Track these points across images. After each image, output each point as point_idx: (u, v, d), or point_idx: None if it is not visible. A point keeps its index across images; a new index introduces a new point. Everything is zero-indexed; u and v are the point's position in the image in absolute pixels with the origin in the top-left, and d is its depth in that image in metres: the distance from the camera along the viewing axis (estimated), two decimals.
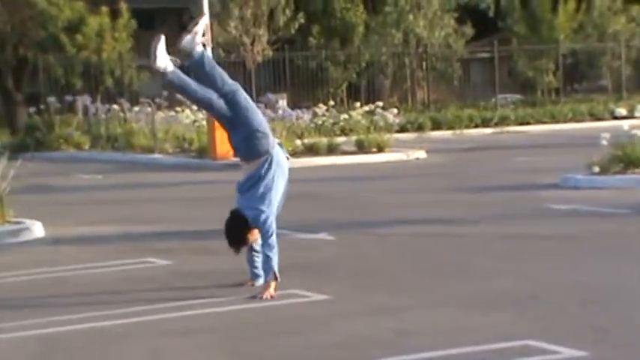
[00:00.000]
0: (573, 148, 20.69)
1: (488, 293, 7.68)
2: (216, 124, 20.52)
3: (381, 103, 24.83)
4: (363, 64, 34.65)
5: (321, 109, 24.85)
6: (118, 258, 9.74)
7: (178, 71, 7.83)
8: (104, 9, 31.65)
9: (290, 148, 20.86)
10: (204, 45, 7.90)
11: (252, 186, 7.80)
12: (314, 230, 11.04)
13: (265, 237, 7.79)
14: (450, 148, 23.97)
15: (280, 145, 8.02)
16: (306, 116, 23.75)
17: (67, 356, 6.38)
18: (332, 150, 21.46)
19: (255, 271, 8.09)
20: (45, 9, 31.81)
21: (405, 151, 21.63)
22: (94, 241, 10.96)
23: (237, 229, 7.82)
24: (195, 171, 19.90)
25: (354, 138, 22.76)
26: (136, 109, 26.00)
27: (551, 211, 12.10)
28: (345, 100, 33.59)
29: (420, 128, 29.10)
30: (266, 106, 23.33)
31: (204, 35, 7.92)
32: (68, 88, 29.00)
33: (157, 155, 22.86)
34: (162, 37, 7.85)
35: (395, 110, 24.19)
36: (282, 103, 24.21)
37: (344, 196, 14.88)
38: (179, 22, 43.34)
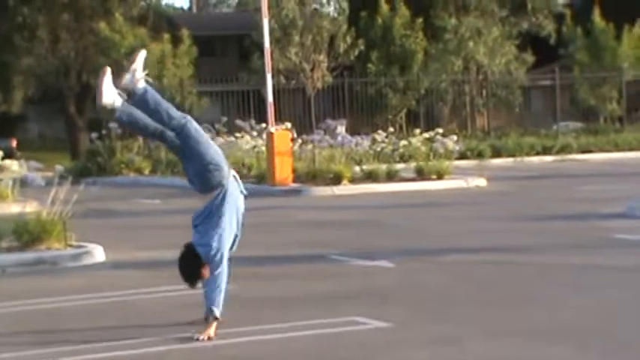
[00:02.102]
0: (639, 177, 20.31)
1: (553, 324, 7.51)
2: (276, 150, 20.80)
3: (440, 130, 24.68)
4: (423, 91, 34.54)
5: (380, 135, 24.76)
6: (178, 283, 9.71)
7: (127, 106, 7.50)
8: (166, 36, 32.00)
9: (348, 175, 20.84)
10: (146, 80, 7.56)
11: (205, 220, 7.48)
12: (373, 257, 10.94)
13: (212, 273, 7.43)
14: (511, 175, 23.70)
15: (236, 178, 7.62)
16: (366, 142, 23.68)
17: None
18: (391, 177, 21.34)
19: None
20: (108, 36, 32.24)
21: (464, 179, 21.43)
22: (153, 265, 10.97)
23: (190, 264, 7.50)
24: (254, 197, 19.80)
25: (413, 165, 22.63)
26: None
27: (618, 241, 11.84)
28: (404, 126, 33.49)
29: (480, 155, 28.86)
30: (325, 132, 23.33)
31: (144, 70, 7.57)
32: None
33: None
34: (108, 71, 7.55)
35: (455, 137, 24.03)
36: (341, 129, 24.18)
37: (403, 223, 14.75)
38: (240, 49, 43.73)
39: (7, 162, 17.94)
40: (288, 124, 23.94)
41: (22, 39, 39.60)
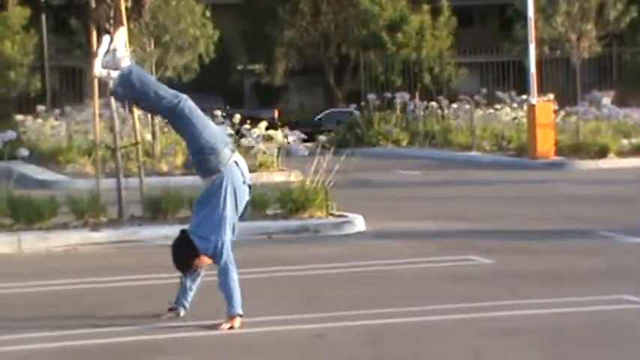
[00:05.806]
0: None
1: None
2: (537, 122, 20.24)
3: None
4: None
5: None
6: (439, 255, 9.63)
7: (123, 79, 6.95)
8: (425, 7, 31.90)
9: (615, 148, 19.95)
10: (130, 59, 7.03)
11: (204, 207, 6.91)
12: None
13: (219, 267, 6.86)
14: None
15: (238, 164, 6.91)
16: (635, 115, 22.62)
17: (394, 346, 6.32)
18: None
19: (183, 300, 7.11)
20: (368, 8, 32.54)
21: None
22: (413, 236, 10.92)
23: (184, 253, 6.93)
24: (514, 169, 19.50)
25: None
26: (454, 106, 25.97)
27: None
28: None
29: None
30: (590, 104, 22.48)
31: (127, 48, 7.06)
32: (387, 85, 29.49)
33: (474, 153, 22.66)
34: (105, 40, 7.07)
35: None
36: (608, 100, 23.18)
37: None
38: (500, 19, 42.95)
39: (272, 132, 18.45)
40: (551, 96, 23.24)
41: (285, 12, 40.78)
